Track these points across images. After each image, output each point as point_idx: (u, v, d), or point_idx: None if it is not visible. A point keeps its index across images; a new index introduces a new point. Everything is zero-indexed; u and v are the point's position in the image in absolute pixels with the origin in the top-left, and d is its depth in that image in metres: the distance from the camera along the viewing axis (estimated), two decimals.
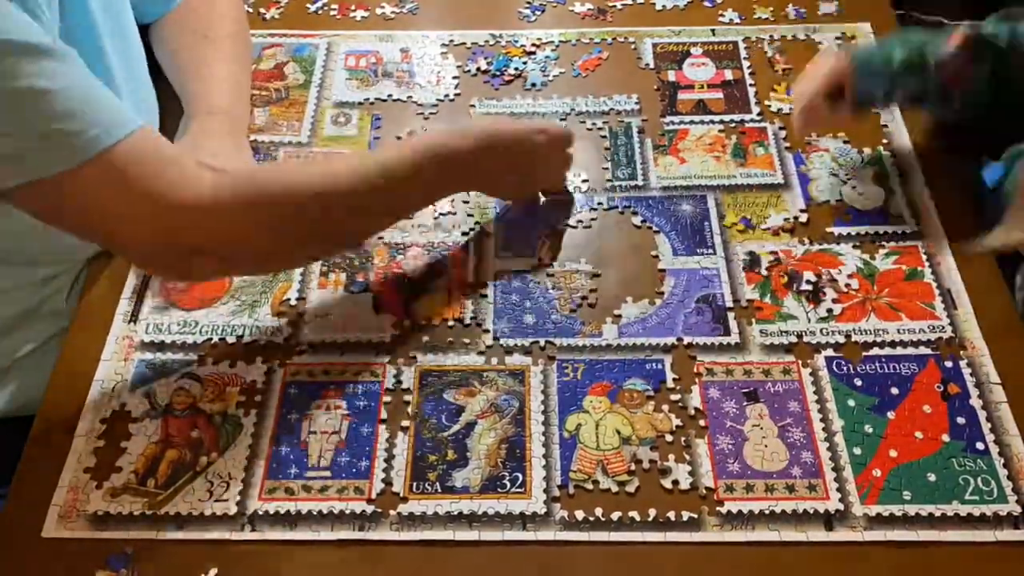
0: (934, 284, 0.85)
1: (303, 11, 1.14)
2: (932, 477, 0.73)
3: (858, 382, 0.79)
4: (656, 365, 0.81)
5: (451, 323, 0.84)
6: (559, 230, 0.91)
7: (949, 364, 0.80)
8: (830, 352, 0.81)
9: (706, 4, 1.14)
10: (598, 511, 0.72)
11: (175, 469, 0.75)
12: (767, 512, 0.72)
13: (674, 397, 0.78)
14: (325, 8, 1.15)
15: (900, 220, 0.91)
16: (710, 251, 0.88)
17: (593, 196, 0.94)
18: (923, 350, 0.81)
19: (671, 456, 0.75)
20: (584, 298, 0.86)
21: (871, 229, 0.90)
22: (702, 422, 0.77)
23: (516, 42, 1.10)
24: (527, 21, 1.13)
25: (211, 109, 0.90)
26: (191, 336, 0.84)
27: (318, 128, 1.01)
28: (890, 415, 0.77)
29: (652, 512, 0.72)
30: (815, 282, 0.85)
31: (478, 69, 1.06)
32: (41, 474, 0.75)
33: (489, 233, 0.91)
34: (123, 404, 0.79)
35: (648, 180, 0.95)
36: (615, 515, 0.72)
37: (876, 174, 0.94)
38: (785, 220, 0.90)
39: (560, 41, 1.09)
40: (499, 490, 0.73)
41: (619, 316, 0.84)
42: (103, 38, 0.81)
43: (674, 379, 0.79)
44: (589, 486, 0.74)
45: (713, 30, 1.10)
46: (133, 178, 0.68)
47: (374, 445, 0.76)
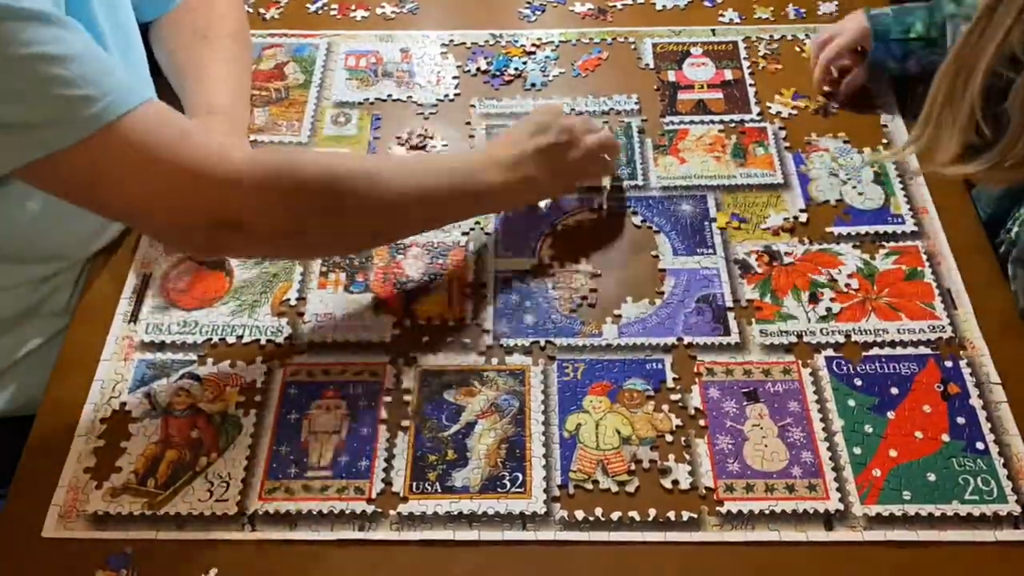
0: (934, 284, 0.85)
1: (303, 11, 1.14)
2: (932, 477, 0.73)
3: (858, 382, 0.79)
4: (656, 365, 0.81)
5: (451, 323, 0.84)
6: (559, 230, 0.91)
7: (949, 364, 0.80)
8: (830, 352, 0.81)
9: (706, 4, 1.14)
10: (598, 511, 0.72)
11: (175, 469, 0.75)
12: (767, 512, 0.72)
13: (674, 397, 0.78)
14: (325, 8, 1.15)
15: (900, 220, 0.91)
16: (710, 251, 0.88)
17: (593, 196, 0.94)
18: (923, 350, 0.81)
19: (671, 456, 0.75)
20: (584, 298, 0.86)
21: (871, 229, 0.90)
22: (702, 422, 0.77)
23: (516, 42, 1.10)
24: (527, 21, 1.13)
25: (211, 109, 0.90)
26: (191, 336, 0.83)
27: (318, 128, 1.01)
28: (890, 415, 0.77)
29: (652, 512, 0.72)
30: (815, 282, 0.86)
31: (478, 69, 1.06)
32: (41, 474, 0.75)
33: (489, 233, 0.91)
34: (123, 404, 0.79)
35: (648, 180, 0.95)
36: (615, 515, 0.72)
37: (876, 174, 0.95)
38: (785, 219, 0.91)
39: (560, 41, 1.09)
40: (499, 490, 0.73)
41: (619, 316, 0.84)
42: (104, 36, 0.81)
43: (674, 379, 0.79)
44: (589, 486, 0.74)
45: (713, 30, 1.10)
46: (155, 146, 0.66)
47: (374, 445, 0.76)
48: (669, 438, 0.76)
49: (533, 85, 1.05)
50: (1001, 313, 0.83)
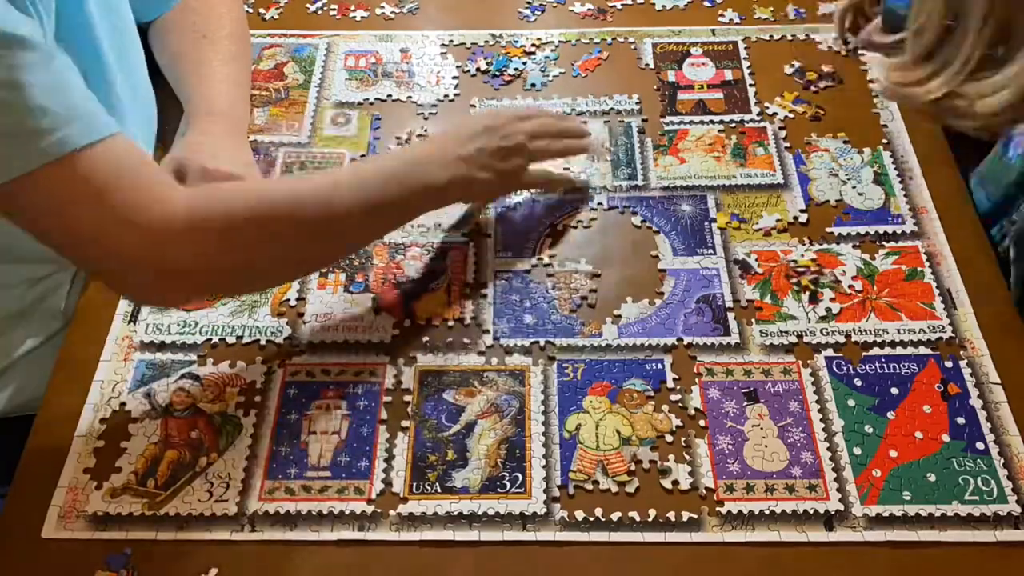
0: (934, 284, 0.85)
1: (303, 11, 1.14)
2: (932, 477, 0.73)
3: (858, 382, 0.79)
4: (656, 365, 0.80)
5: (451, 323, 0.84)
6: (559, 230, 0.91)
7: (949, 364, 0.80)
8: (830, 352, 0.81)
9: (706, 4, 1.14)
10: (598, 511, 0.72)
11: (175, 469, 0.75)
12: (767, 512, 0.72)
13: (674, 397, 0.78)
14: (325, 8, 1.15)
15: (900, 220, 0.91)
16: (710, 251, 0.88)
17: (593, 196, 0.94)
18: (923, 350, 0.81)
19: (671, 456, 0.75)
20: (584, 298, 0.86)
21: (871, 229, 0.90)
22: (702, 422, 0.77)
23: (516, 42, 1.10)
24: (527, 21, 1.13)
25: (211, 109, 0.90)
26: (191, 336, 0.83)
27: (318, 128, 1.01)
28: (890, 415, 0.77)
29: (652, 512, 0.72)
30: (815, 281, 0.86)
31: (478, 69, 1.06)
32: (41, 474, 0.75)
33: (489, 233, 0.91)
34: (123, 404, 0.79)
35: (648, 180, 0.95)
36: (615, 515, 0.72)
37: (876, 174, 0.94)
38: (778, 220, 0.90)
39: (560, 41, 1.09)
40: (499, 490, 0.73)
41: (619, 316, 0.84)
42: (100, 38, 0.81)
43: (674, 379, 0.79)
44: (589, 486, 0.74)
45: (713, 30, 1.10)
46: (103, 188, 0.64)
47: (374, 445, 0.76)
48: (669, 438, 0.76)
49: (533, 85, 1.05)
50: (1001, 313, 0.83)
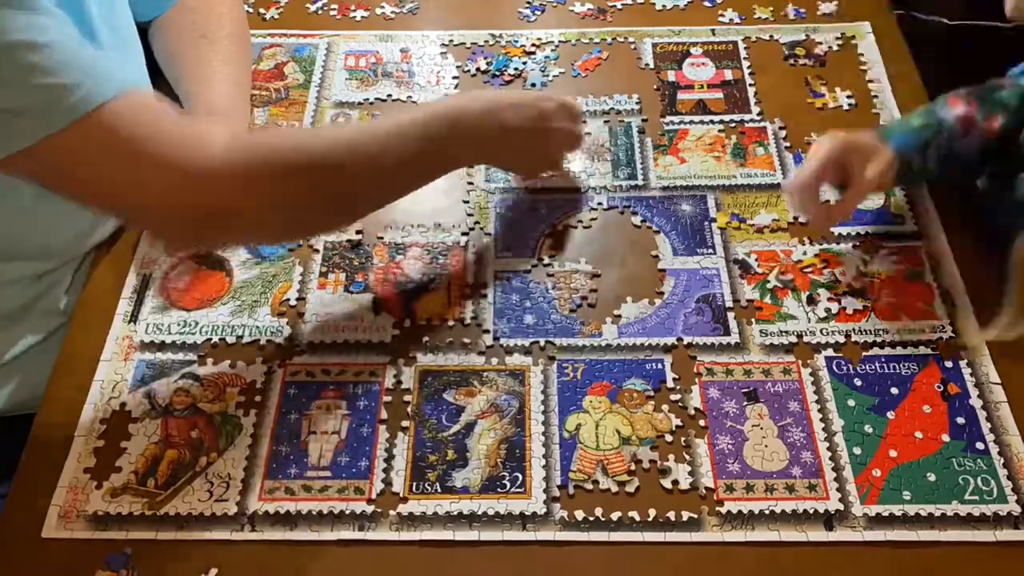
0: (934, 284, 0.85)
1: (303, 11, 1.14)
2: (932, 477, 0.73)
3: (858, 382, 0.79)
4: (656, 365, 0.81)
5: (451, 323, 0.84)
6: (559, 230, 0.91)
7: (949, 364, 0.80)
8: (830, 352, 0.81)
9: (706, 4, 1.14)
10: (598, 511, 0.72)
11: (175, 469, 0.75)
12: (767, 512, 0.72)
13: (674, 397, 0.78)
14: (325, 8, 1.15)
15: (900, 220, 0.91)
16: (710, 251, 0.88)
17: (593, 196, 0.94)
18: (923, 350, 0.81)
19: (671, 456, 0.75)
20: (584, 298, 0.86)
21: (871, 229, 0.90)
22: (702, 422, 0.77)
23: (516, 42, 1.10)
24: (527, 21, 1.13)
25: (211, 109, 0.90)
26: (191, 336, 0.83)
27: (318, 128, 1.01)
28: (890, 415, 0.77)
29: (652, 512, 0.72)
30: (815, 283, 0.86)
31: (478, 69, 1.06)
32: (41, 474, 0.75)
33: (489, 233, 0.91)
34: (123, 404, 0.79)
35: (648, 180, 0.95)
36: (615, 515, 0.72)
37: None
38: (773, 220, 0.91)
39: (560, 41, 1.09)
40: (499, 490, 0.73)
41: (619, 316, 0.84)
42: (102, 37, 0.81)
43: (674, 379, 0.79)
44: (589, 486, 0.74)
45: (713, 30, 1.10)
46: (132, 138, 0.65)
47: (374, 445, 0.76)
48: (669, 438, 0.76)
49: (533, 85, 1.05)
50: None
